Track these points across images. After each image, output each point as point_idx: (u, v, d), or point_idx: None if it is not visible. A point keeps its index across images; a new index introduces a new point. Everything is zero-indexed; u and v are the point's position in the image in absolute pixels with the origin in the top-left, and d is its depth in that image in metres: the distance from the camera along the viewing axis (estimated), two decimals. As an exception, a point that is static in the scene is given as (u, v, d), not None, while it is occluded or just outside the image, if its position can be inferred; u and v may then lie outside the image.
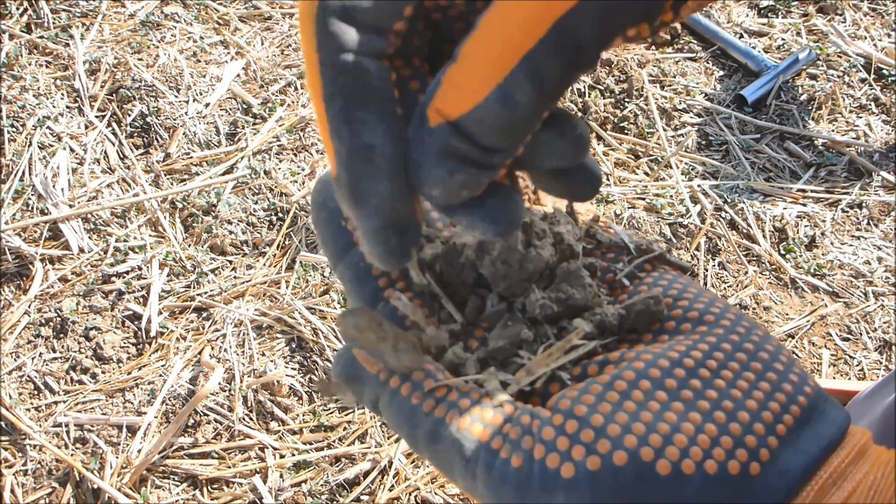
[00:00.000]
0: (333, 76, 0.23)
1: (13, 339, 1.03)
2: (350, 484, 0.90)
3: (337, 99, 0.23)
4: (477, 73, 0.21)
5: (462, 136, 0.22)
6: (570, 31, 0.20)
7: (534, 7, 0.20)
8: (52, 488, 0.90)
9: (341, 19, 0.22)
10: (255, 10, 1.56)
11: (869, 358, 1.06)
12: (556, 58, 0.21)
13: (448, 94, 0.22)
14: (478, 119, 0.21)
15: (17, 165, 1.20)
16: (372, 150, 0.23)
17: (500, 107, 0.21)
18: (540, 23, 0.20)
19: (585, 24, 0.20)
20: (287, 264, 1.13)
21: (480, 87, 0.21)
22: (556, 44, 0.21)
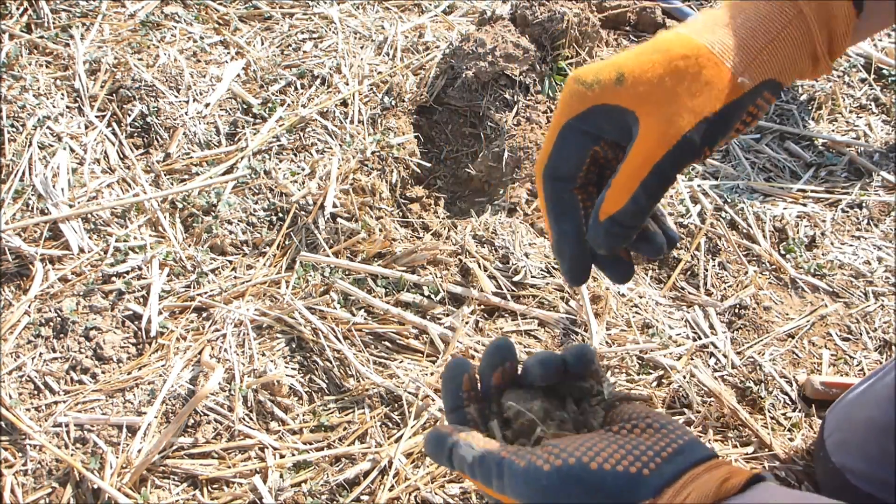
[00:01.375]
0: (552, 203, 0.51)
1: (13, 339, 1.03)
2: (350, 484, 0.90)
3: (553, 213, 0.51)
4: (620, 192, 0.46)
5: (614, 222, 0.46)
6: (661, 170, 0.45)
7: (644, 158, 0.45)
8: (52, 488, 0.90)
9: (553, 176, 0.50)
10: (255, 10, 1.56)
11: (869, 358, 1.06)
12: (658, 182, 0.45)
13: (607, 203, 0.46)
14: (622, 214, 0.46)
15: (17, 165, 1.20)
16: (566, 234, 0.50)
17: (632, 206, 0.46)
18: (647, 166, 0.45)
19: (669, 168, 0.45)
20: (287, 264, 1.13)
21: (622, 198, 0.46)
22: (659, 175, 0.45)
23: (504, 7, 1.48)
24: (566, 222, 0.50)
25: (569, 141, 0.48)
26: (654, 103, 0.44)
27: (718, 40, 0.45)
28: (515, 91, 1.34)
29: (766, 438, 0.95)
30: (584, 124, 0.47)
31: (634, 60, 0.46)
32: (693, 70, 0.44)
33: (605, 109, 0.46)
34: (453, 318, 1.05)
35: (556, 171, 0.49)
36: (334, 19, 1.53)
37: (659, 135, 0.44)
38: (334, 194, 1.18)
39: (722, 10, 0.47)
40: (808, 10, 0.44)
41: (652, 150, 0.44)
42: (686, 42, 0.45)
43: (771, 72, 0.45)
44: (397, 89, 1.37)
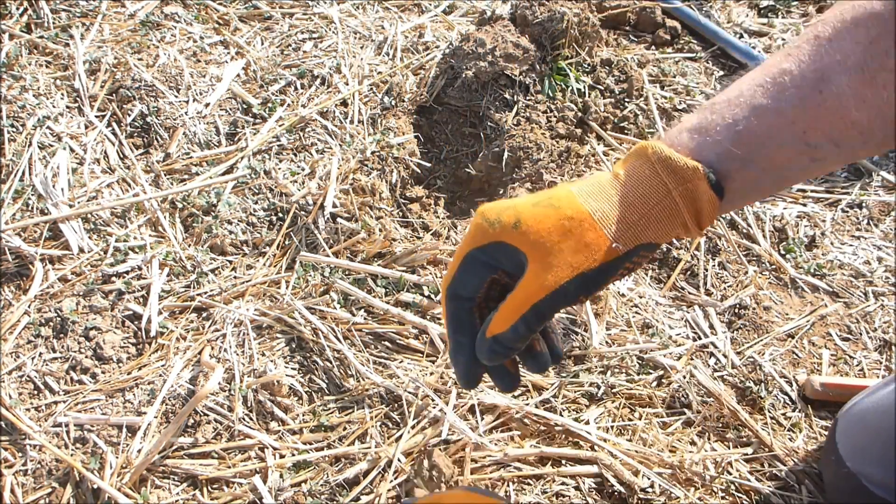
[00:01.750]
0: (451, 320, 0.58)
1: (13, 339, 1.03)
2: (350, 484, 0.90)
3: (451, 327, 0.58)
4: (504, 319, 0.54)
5: (497, 341, 0.54)
6: (539, 309, 0.52)
7: (526, 297, 0.53)
8: (52, 488, 0.90)
9: (454, 297, 0.57)
10: (255, 10, 1.56)
11: (869, 358, 1.06)
12: (535, 318, 0.53)
13: (493, 324, 0.54)
14: (503, 337, 0.54)
15: (17, 165, 1.20)
16: (461, 345, 0.58)
17: (511, 334, 0.53)
18: (528, 303, 0.52)
19: (546, 309, 0.53)
20: (287, 264, 1.13)
21: (504, 324, 0.53)
22: (535, 313, 0.53)
23: (504, 7, 1.48)
24: (462, 335, 0.57)
25: (470, 267, 0.56)
26: (541, 251, 0.52)
27: (600, 209, 0.53)
28: (515, 91, 1.34)
29: (766, 439, 0.95)
30: (483, 255, 0.55)
31: (531, 210, 0.54)
32: (576, 231, 0.52)
33: (503, 246, 0.54)
34: (453, 318, 1.05)
35: (457, 291, 0.57)
36: (334, 19, 1.53)
37: (541, 281, 0.52)
38: (334, 194, 1.18)
39: (608, 180, 0.54)
40: (676, 194, 0.52)
41: (533, 291, 0.52)
42: (574, 205, 0.53)
43: (644, 238, 0.53)
44: (397, 89, 1.37)
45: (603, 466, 0.90)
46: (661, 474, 0.90)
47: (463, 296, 0.57)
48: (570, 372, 1.01)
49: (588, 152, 1.31)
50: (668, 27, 1.55)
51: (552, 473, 0.90)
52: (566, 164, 1.28)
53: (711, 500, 0.90)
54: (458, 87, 1.37)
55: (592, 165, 1.29)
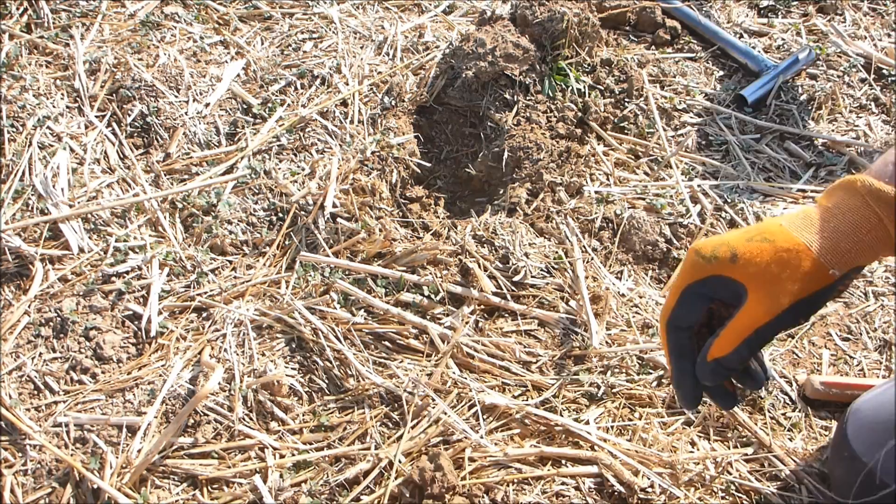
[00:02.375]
0: (674, 349, 0.64)
1: (13, 339, 1.03)
2: (350, 484, 0.90)
3: (674, 356, 0.64)
4: (727, 343, 0.59)
5: (718, 364, 0.60)
6: (762, 333, 0.59)
7: (749, 322, 0.59)
8: (52, 488, 0.90)
9: (675, 327, 0.64)
10: (255, 10, 1.56)
11: (869, 358, 1.06)
12: (757, 341, 0.59)
13: (715, 349, 0.60)
14: (726, 360, 0.60)
15: (17, 165, 1.20)
16: (685, 371, 0.63)
17: (734, 356, 0.59)
18: (751, 328, 0.59)
19: (768, 332, 0.59)
20: (287, 264, 1.13)
21: (727, 348, 0.59)
22: (758, 336, 0.59)
23: (504, 7, 1.48)
24: (684, 363, 0.63)
25: (689, 300, 0.62)
26: (762, 282, 0.58)
27: (816, 240, 0.58)
28: (515, 91, 1.34)
29: (765, 439, 0.95)
30: (702, 288, 0.61)
31: (746, 245, 0.60)
32: (794, 262, 0.58)
33: (721, 280, 0.60)
34: (453, 318, 1.05)
35: (678, 323, 0.63)
36: (334, 19, 1.53)
37: (765, 307, 0.58)
38: (334, 194, 1.18)
39: (816, 213, 0.60)
40: (887, 221, 0.57)
41: (757, 317, 0.58)
42: (789, 237, 0.59)
43: (857, 263, 0.58)
44: (397, 89, 1.37)
45: (603, 466, 0.90)
46: (661, 474, 0.90)
47: (683, 326, 0.63)
48: (571, 372, 1.01)
49: (588, 152, 1.31)
50: (668, 27, 1.55)
51: (552, 473, 0.90)
52: (566, 164, 1.28)
53: (711, 500, 0.90)
54: (458, 87, 1.37)
55: (592, 165, 1.30)
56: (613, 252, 1.17)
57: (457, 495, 0.87)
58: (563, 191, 1.24)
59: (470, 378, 0.99)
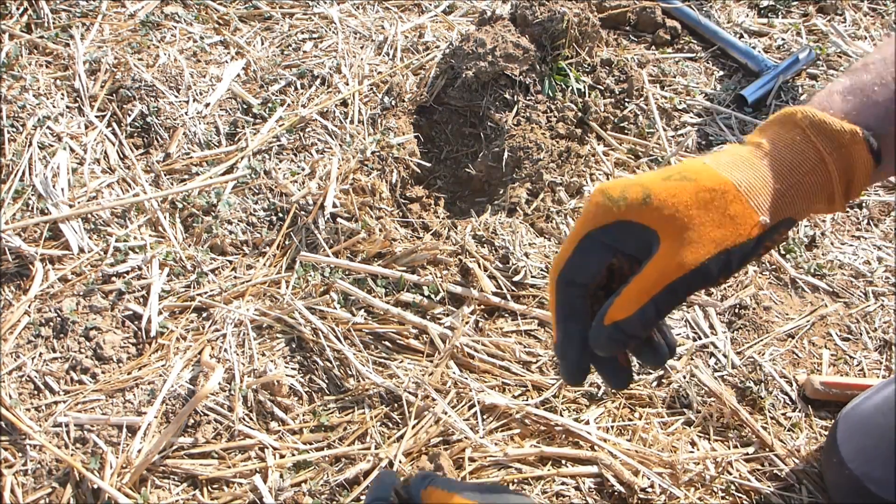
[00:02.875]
0: (561, 307, 0.52)
1: (13, 339, 1.03)
2: (350, 484, 0.90)
3: (561, 316, 0.52)
4: (630, 302, 0.48)
5: (617, 328, 0.48)
6: (674, 290, 0.47)
7: (659, 275, 0.47)
8: (52, 488, 0.90)
9: (567, 283, 0.52)
10: (255, 10, 1.56)
11: (869, 358, 1.06)
12: (668, 300, 0.47)
13: (615, 309, 0.48)
14: (627, 323, 0.48)
15: (17, 165, 1.20)
16: (573, 336, 0.52)
17: (638, 319, 0.47)
18: (660, 283, 0.47)
19: (681, 290, 0.47)
20: (287, 264, 1.13)
21: (631, 308, 0.48)
22: (669, 294, 0.47)
23: (504, 7, 1.48)
24: (573, 325, 0.52)
25: (589, 250, 0.50)
26: (678, 227, 0.47)
27: (745, 179, 0.48)
28: (515, 91, 1.34)
29: (766, 439, 0.95)
30: (605, 236, 0.50)
31: (661, 184, 0.49)
32: (719, 204, 0.47)
33: (629, 225, 0.49)
34: (453, 318, 1.05)
35: (572, 276, 0.51)
36: (334, 19, 1.53)
37: (680, 258, 0.47)
38: (334, 194, 1.18)
39: (748, 150, 0.50)
40: (829, 160, 0.48)
41: (669, 270, 0.47)
42: (714, 176, 0.48)
43: (789, 212, 0.49)
44: (397, 89, 1.37)
45: (603, 466, 0.90)
46: (661, 474, 0.90)
47: (578, 282, 0.51)
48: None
49: (588, 152, 1.31)
50: (668, 27, 1.55)
51: (552, 473, 0.90)
52: (566, 164, 1.28)
53: (711, 500, 0.90)
54: (458, 87, 1.37)
55: (592, 165, 1.30)
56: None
57: (457, 495, 0.87)
58: (563, 191, 1.24)
59: (470, 378, 0.99)
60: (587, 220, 0.50)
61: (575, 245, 0.50)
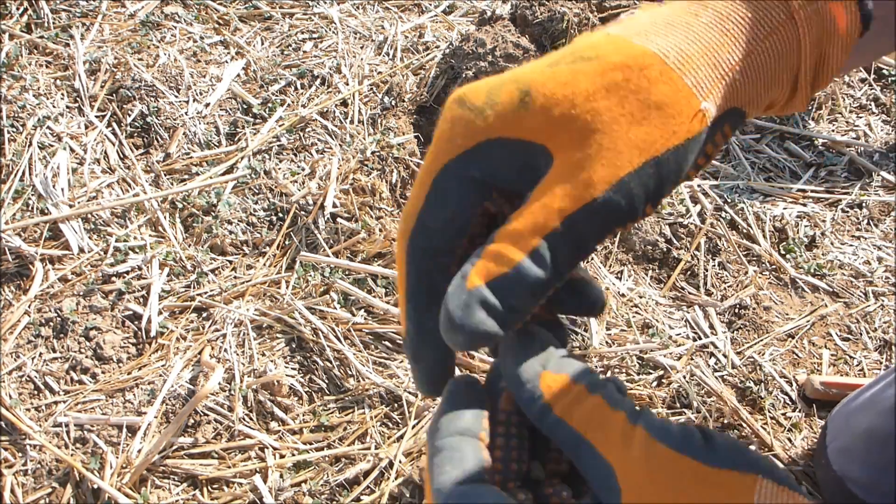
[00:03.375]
0: (414, 285, 0.33)
1: (13, 339, 1.03)
2: (350, 484, 0.90)
3: (412, 300, 0.34)
4: (505, 252, 0.29)
5: (486, 298, 0.29)
6: (575, 230, 0.29)
7: (550, 207, 0.29)
8: (52, 488, 0.90)
9: (424, 247, 0.33)
10: (255, 10, 1.56)
11: (869, 358, 1.06)
12: (567, 244, 0.29)
13: (484, 266, 0.30)
14: (504, 285, 0.29)
15: (17, 165, 1.20)
16: (431, 331, 0.33)
17: (520, 277, 0.29)
18: (553, 218, 0.29)
19: (589, 226, 0.30)
20: (287, 264, 1.13)
21: (507, 262, 0.29)
22: (567, 234, 0.29)
23: (504, 7, 1.48)
24: (431, 314, 0.33)
25: (447, 194, 0.32)
26: (577, 132, 0.30)
27: (675, 46, 0.30)
28: (515, 91, 1.34)
29: (766, 438, 0.95)
30: (469, 167, 0.31)
31: (546, 73, 0.31)
32: (637, 87, 0.30)
33: (502, 145, 0.31)
34: (453, 318, 1.05)
35: (426, 239, 0.33)
36: (334, 19, 1.53)
37: (582, 176, 0.29)
38: (334, 194, 1.18)
39: (677, 6, 0.32)
40: (800, 17, 0.32)
41: (568, 197, 0.29)
42: (625, 47, 0.31)
43: (741, 98, 0.32)
44: (397, 89, 1.37)
45: (603, 466, 0.90)
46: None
47: (436, 245, 0.33)
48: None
49: (588, 152, 1.31)
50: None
51: (552, 473, 0.90)
52: (566, 164, 1.28)
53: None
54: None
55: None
56: (613, 252, 1.17)
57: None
58: (563, 191, 1.23)
59: (470, 378, 0.99)
60: (440, 148, 0.32)
61: (426, 189, 0.32)
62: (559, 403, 0.31)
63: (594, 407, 0.30)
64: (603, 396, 0.31)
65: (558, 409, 0.31)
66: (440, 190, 0.32)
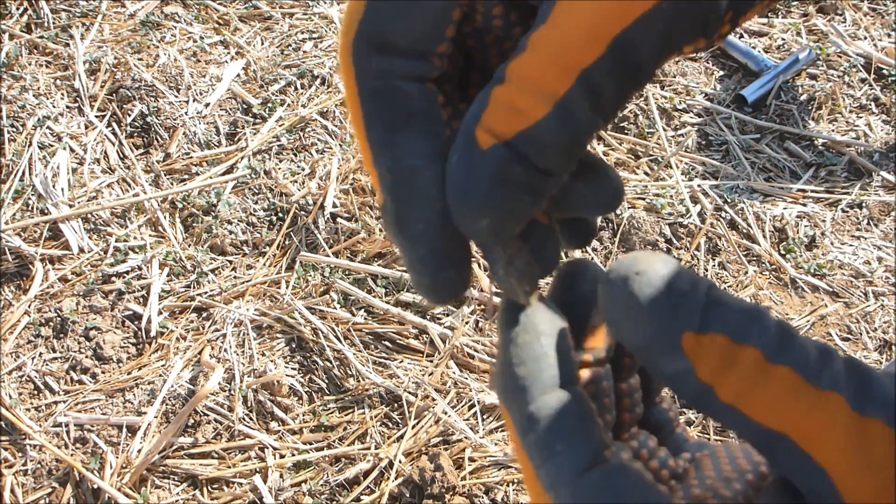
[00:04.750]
0: (372, 103, 0.22)
1: (13, 339, 1.03)
2: (350, 484, 0.90)
3: (376, 125, 0.22)
4: (534, 92, 0.20)
5: (518, 157, 0.20)
6: (628, 49, 0.20)
7: (592, 24, 0.20)
8: (52, 488, 0.90)
9: (379, 49, 0.22)
10: (255, 10, 1.56)
11: (869, 358, 1.06)
12: (614, 75, 0.20)
13: (501, 114, 0.20)
14: (536, 138, 0.20)
15: (17, 165, 1.20)
16: (415, 173, 0.22)
17: (559, 124, 0.20)
18: (598, 40, 0.20)
19: (644, 42, 0.20)
20: (287, 264, 1.13)
21: (538, 104, 0.20)
22: (614, 61, 0.20)
23: (504, 7, 1.48)
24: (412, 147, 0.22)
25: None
26: None
27: None
28: (515, 91, 1.34)
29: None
30: None
31: None
32: None
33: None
34: (453, 318, 1.05)
35: (383, 34, 0.22)
36: (334, 19, 1.53)
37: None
38: (334, 194, 1.18)
39: None
40: None
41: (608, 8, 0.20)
42: None
43: None
44: (397, 89, 1.37)
45: (603, 466, 0.90)
46: (661, 474, 0.90)
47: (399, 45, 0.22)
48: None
49: (588, 152, 1.31)
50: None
51: (552, 473, 0.90)
52: (566, 164, 1.28)
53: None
54: (458, 87, 1.37)
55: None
56: (614, 252, 1.17)
57: (457, 495, 0.87)
58: (563, 191, 1.24)
59: (470, 378, 0.99)
60: None
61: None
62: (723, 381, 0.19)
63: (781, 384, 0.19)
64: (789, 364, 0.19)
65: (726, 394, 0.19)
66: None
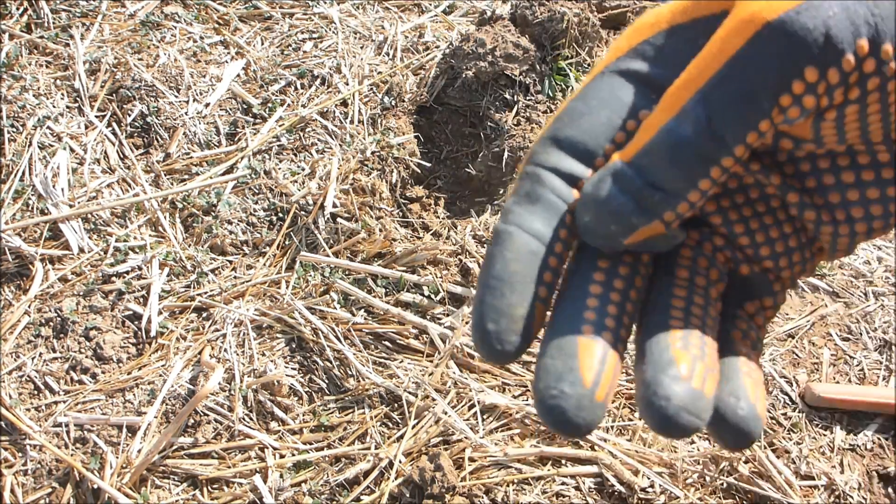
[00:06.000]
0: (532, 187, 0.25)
1: (13, 339, 1.03)
2: (350, 484, 0.90)
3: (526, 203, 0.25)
4: (649, 120, 0.23)
5: (630, 168, 0.23)
6: (739, 72, 0.22)
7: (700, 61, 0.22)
8: (52, 488, 0.90)
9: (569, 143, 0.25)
10: (255, 10, 1.56)
11: (869, 358, 1.06)
12: (728, 95, 0.22)
13: (632, 143, 0.23)
14: (646, 151, 0.23)
15: (17, 165, 1.20)
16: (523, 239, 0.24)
17: (660, 142, 0.23)
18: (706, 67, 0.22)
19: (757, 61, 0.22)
20: (287, 264, 1.13)
21: (650, 128, 0.23)
22: (727, 80, 0.22)
23: (504, 7, 1.48)
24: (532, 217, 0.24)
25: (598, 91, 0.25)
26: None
27: None
28: (515, 91, 1.34)
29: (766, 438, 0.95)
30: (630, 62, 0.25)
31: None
32: None
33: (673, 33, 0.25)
34: (453, 318, 1.05)
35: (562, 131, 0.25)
36: (334, 19, 1.53)
37: (748, 9, 0.22)
38: (334, 194, 1.18)
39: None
40: None
41: (729, 35, 0.22)
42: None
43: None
44: (397, 89, 1.37)
45: (603, 466, 0.90)
46: (661, 474, 0.90)
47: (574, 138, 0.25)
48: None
49: (588, 152, 1.31)
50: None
51: (552, 473, 0.90)
52: (566, 164, 1.28)
53: (711, 500, 0.90)
54: (458, 88, 1.37)
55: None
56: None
57: (457, 495, 0.87)
58: (563, 191, 1.23)
59: (470, 378, 0.99)
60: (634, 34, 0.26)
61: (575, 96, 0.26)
62: None
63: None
64: None
65: None
66: (590, 88, 0.25)
